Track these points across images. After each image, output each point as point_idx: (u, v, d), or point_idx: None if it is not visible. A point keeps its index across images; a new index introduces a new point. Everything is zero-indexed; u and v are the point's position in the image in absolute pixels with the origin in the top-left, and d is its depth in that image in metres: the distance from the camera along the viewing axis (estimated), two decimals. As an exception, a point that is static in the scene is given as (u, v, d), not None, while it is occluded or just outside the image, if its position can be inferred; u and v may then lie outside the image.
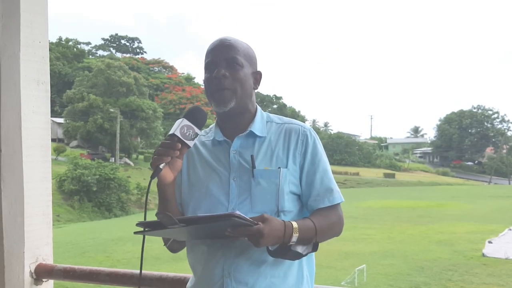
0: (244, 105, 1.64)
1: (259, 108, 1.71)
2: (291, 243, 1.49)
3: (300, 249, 1.53)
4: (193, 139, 1.53)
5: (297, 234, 1.49)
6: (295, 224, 1.49)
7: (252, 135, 1.64)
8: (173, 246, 1.73)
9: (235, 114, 1.64)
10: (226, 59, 1.61)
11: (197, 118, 1.54)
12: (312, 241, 1.55)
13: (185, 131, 1.51)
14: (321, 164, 1.64)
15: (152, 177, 1.50)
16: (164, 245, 1.69)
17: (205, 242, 1.60)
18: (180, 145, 1.51)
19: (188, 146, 1.53)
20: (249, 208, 1.55)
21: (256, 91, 1.71)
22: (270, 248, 1.50)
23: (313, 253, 1.61)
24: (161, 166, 1.50)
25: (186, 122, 1.52)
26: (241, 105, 1.62)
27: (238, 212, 1.37)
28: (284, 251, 1.50)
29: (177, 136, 1.50)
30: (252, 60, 1.67)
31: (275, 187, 1.57)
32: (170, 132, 1.52)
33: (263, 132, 1.65)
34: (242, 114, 1.65)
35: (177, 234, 1.55)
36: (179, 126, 1.51)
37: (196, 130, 1.53)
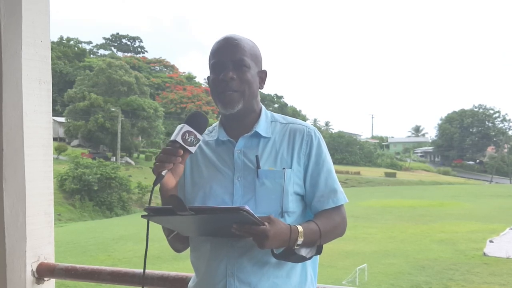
0: (250, 106, 1.63)
1: (263, 107, 1.71)
2: (295, 247, 1.49)
3: (304, 252, 1.53)
4: (195, 145, 1.52)
5: (302, 238, 1.49)
6: (300, 228, 1.49)
7: (257, 135, 1.63)
8: (177, 246, 1.72)
9: (241, 114, 1.63)
10: (233, 60, 1.59)
11: (198, 123, 1.53)
12: (316, 244, 1.55)
13: (187, 137, 1.50)
14: (325, 164, 1.64)
15: (154, 184, 1.50)
16: (167, 237, 1.68)
17: (209, 241, 1.60)
18: (182, 152, 1.50)
19: (190, 152, 1.52)
20: (253, 209, 1.53)
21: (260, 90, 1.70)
22: (275, 251, 1.50)
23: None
24: (163, 173, 1.49)
25: (187, 128, 1.50)
26: (248, 106, 1.62)
27: (247, 207, 1.37)
28: (289, 254, 1.50)
29: (179, 143, 1.49)
30: (258, 59, 1.66)
31: (280, 187, 1.56)
32: (172, 139, 1.50)
33: (268, 133, 1.64)
34: (248, 114, 1.65)
35: (183, 225, 1.54)
36: (180, 132, 1.50)
37: (198, 135, 1.52)
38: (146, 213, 1.46)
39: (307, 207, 1.65)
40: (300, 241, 1.48)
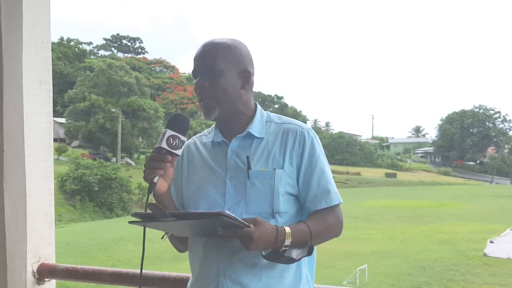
0: (231, 109, 1.63)
1: (259, 107, 1.70)
2: (283, 248, 1.48)
3: (294, 253, 1.52)
4: (180, 147, 1.54)
5: (290, 239, 1.48)
6: (287, 229, 1.48)
7: (250, 136, 1.63)
8: (178, 246, 1.74)
9: (226, 118, 1.64)
10: (204, 67, 1.61)
11: (180, 125, 1.54)
12: (307, 245, 1.54)
13: (172, 142, 1.52)
14: (318, 165, 1.62)
15: (149, 192, 1.52)
16: (168, 237, 1.69)
17: (202, 242, 1.61)
18: (170, 157, 1.52)
19: (178, 155, 1.54)
20: (244, 209, 1.55)
21: (257, 91, 1.70)
22: (262, 253, 1.49)
23: (315, 252, 1.60)
24: (155, 179, 1.52)
25: (170, 132, 1.52)
26: (227, 110, 1.62)
27: (227, 212, 1.37)
28: (277, 255, 1.49)
29: (165, 149, 1.51)
30: (237, 60, 1.63)
31: (270, 188, 1.56)
32: (157, 145, 1.52)
33: (261, 133, 1.64)
34: (234, 116, 1.64)
35: (172, 228, 1.57)
36: (164, 138, 1.51)
37: (182, 138, 1.53)
38: (134, 219, 1.49)
39: (302, 208, 1.64)
40: (288, 242, 1.47)
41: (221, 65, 1.60)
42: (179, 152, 1.53)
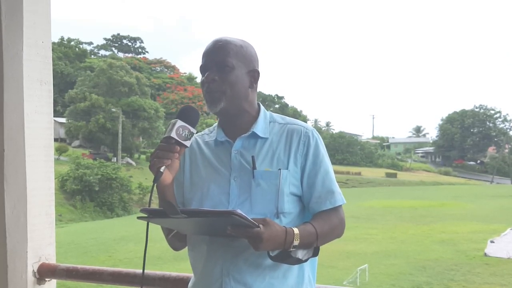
0: (237, 106, 1.63)
1: (262, 108, 1.70)
2: (291, 249, 1.48)
3: (300, 254, 1.52)
4: (189, 139, 1.53)
5: (298, 241, 1.48)
6: (296, 231, 1.49)
7: (254, 136, 1.64)
8: (176, 244, 1.72)
9: (230, 115, 1.64)
10: (216, 62, 1.60)
11: (190, 117, 1.54)
12: (313, 246, 1.55)
13: (181, 132, 1.51)
14: (322, 165, 1.63)
15: (155, 181, 1.50)
16: (166, 237, 1.68)
17: (205, 241, 1.61)
18: (178, 148, 1.51)
19: (186, 146, 1.53)
20: (249, 209, 1.55)
21: (257, 90, 1.70)
22: (270, 254, 1.50)
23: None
24: (162, 169, 1.49)
25: (180, 123, 1.51)
26: (233, 106, 1.62)
27: (239, 211, 1.37)
28: (284, 256, 1.50)
29: (175, 139, 1.50)
30: (247, 59, 1.64)
31: (275, 188, 1.56)
32: (166, 135, 1.51)
33: (265, 133, 1.64)
34: (239, 115, 1.65)
35: (179, 226, 1.56)
36: (174, 128, 1.50)
37: (192, 129, 1.53)
38: (142, 215, 1.48)
39: (305, 208, 1.65)
40: (296, 243, 1.48)
41: (233, 61, 1.60)
42: (187, 143, 1.52)
